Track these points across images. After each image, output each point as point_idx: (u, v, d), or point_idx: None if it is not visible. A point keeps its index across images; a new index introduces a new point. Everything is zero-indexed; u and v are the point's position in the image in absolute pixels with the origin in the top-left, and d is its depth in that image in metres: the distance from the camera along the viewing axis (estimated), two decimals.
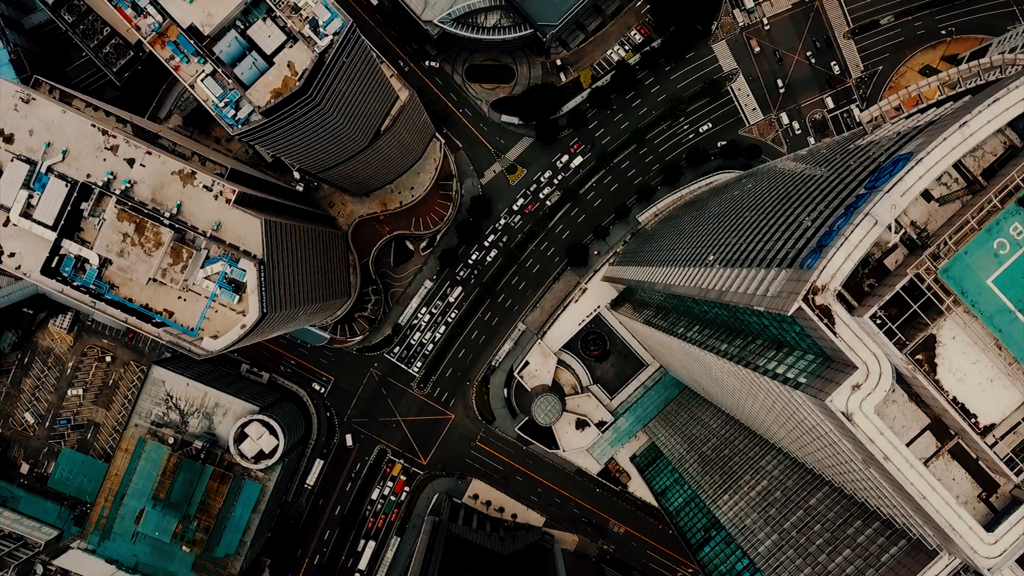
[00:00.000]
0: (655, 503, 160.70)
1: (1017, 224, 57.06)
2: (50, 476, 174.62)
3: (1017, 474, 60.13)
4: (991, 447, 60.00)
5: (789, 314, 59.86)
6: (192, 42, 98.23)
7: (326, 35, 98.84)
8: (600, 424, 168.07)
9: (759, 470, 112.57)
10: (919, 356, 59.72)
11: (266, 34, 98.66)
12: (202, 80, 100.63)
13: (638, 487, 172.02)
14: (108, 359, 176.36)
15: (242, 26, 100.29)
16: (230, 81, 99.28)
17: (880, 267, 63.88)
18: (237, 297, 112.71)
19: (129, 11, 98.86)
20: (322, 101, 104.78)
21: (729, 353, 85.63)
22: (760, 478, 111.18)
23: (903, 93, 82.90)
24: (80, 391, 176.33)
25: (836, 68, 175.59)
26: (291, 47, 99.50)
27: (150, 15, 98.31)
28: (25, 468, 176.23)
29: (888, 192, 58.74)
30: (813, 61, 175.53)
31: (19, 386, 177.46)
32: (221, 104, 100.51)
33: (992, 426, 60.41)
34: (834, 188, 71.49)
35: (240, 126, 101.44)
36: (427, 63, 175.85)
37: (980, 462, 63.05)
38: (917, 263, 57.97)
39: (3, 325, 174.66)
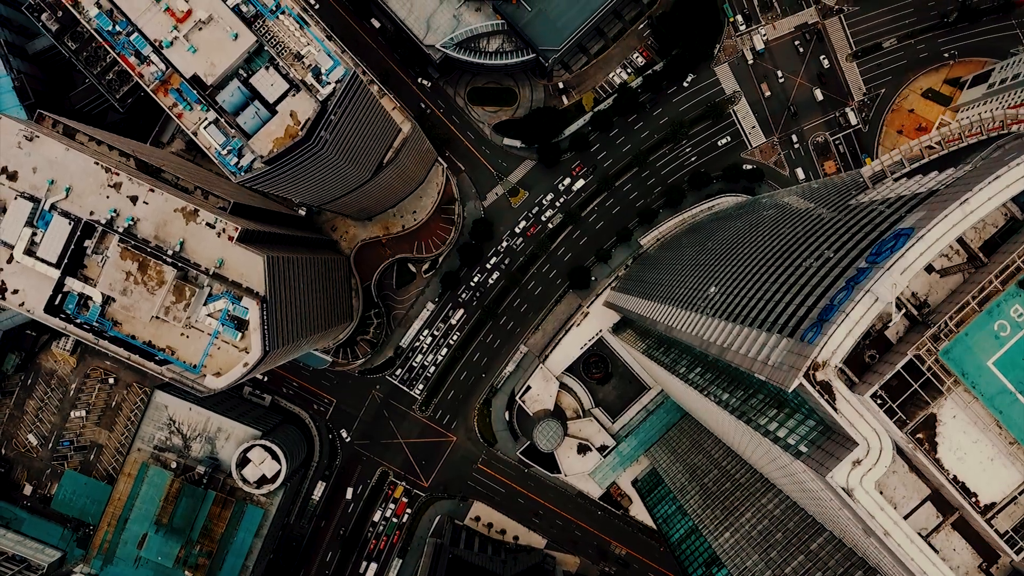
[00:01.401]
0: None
1: (1018, 306, 57.23)
2: (53, 497, 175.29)
3: (1017, 552, 60.40)
4: (991, 524, 60.22)
5: (790, 390, 60.05)
6: (195, 91, 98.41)
7: (328, 83, 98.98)
8: (602, 448, 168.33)
9: (760, 509, 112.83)
10: (920, 435, 59.96)
11: (269, 83, 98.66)
12: (205, 128, 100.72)
13: (639, 511, 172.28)
14: (111, 381, 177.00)
15: (245, 74, 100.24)
16: (233, 130, 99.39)
17: (881, 338, 64.06)
18: (240, 334, 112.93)
19: (132, 59, 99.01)
20: (324, 147, 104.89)
21: (730, 404, 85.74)
22: (761, 517, 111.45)
23: (904, 148, 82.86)
24: (83, 412, 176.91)
25: (825, 62, 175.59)
26: (294, 96, 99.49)
27: (153, 63, 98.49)
28: (28, 489, 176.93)
29: (889, 270, 58.86)
30: (801, 51, 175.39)
31: (22, 407, 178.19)
32: (224, 152, 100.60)
33: (992, 505, 60.67)
34: (835, 251, 71.61)
35: (243, 173, 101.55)
36: (420, 80, 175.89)
37: (980, 535, 63.30)
38: (918, 344, 58.16)
39: (6, 347, 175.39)
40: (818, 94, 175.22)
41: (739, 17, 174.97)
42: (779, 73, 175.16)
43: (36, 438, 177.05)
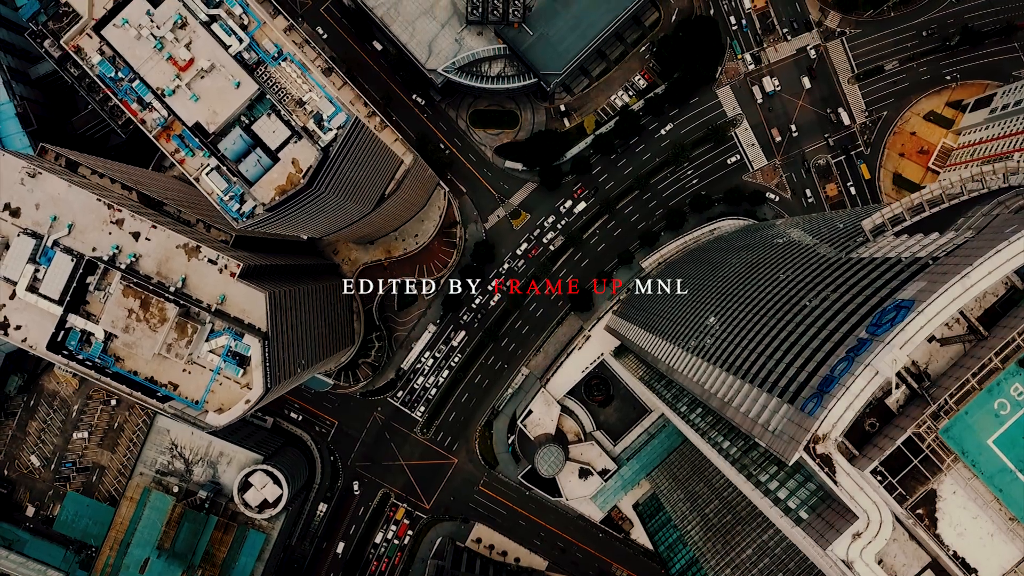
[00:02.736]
0: None
1: (1018, 385, 57.40)
2: (56, 519, 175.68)
3: None
4: None
5: (790, 463, 60.27)
6: (197, 138, 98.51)
7: (330, 129, 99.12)
8: (603, 472, 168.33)
9: (762, 546, 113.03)
10: (920, 510, 60.18)
11: (270, 129, 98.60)
12: (207, 174, 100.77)
13: (640, 534, 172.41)
14: (113, 402, 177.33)
15: (247, 121, 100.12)
16: (235, 177, 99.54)
17: (881, 406, 64.19)
18: (242, 371, 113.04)
19: (135, 105, 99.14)
20: (326, 191, 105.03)
21: (730, 455, 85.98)
22: (763, 555, 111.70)
23: (905, 202, 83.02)
24: (85, 434, 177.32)
25: (813, 55, 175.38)
26: (295, 143, 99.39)
27: (155, 110, 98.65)
28: (31, 510, 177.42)
29: (889, 344, 59.01)
30: (789, 38, 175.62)
31: (25, 429, 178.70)
32: (226, 198, 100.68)
33: None
34: (835, 311, 71.72)
35: (244, 219, 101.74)
36: (413, 96, 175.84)
37: None
38: (918, 422, 58.33)
39: (9, 368, 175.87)
40: (805, 82, 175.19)
41: (747, 56, 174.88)
42: (792, 127, 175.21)
43: (39, 459, 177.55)
